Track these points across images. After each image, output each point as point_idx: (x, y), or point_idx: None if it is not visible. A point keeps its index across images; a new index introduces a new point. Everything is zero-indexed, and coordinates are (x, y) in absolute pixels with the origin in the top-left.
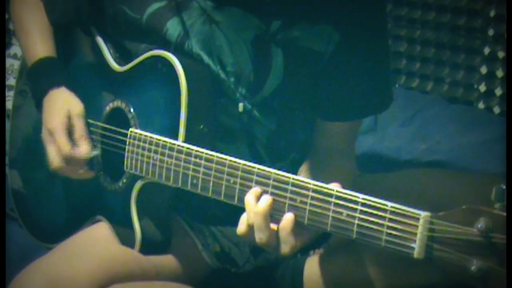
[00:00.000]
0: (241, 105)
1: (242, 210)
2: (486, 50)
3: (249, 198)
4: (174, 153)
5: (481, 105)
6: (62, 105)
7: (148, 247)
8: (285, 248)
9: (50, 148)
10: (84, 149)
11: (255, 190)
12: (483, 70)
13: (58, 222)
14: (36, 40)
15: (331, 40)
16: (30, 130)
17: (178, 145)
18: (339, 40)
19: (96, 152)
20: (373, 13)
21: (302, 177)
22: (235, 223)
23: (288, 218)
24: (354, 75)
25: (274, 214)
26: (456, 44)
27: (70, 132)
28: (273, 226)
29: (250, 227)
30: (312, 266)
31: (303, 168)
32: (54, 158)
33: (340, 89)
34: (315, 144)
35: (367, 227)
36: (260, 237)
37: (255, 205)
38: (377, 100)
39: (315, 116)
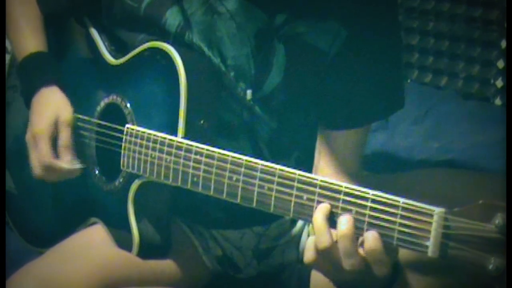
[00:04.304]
0: (249, 92)
1: (245, 211)
2: (503, 44)
3: (319, 218)
4: (173, 150)
5: (498, 102)
6: (51, 110)
7: (147, 251)
8: (383, 269)
9: (32, 154)
10: (65, 162)
11: (325, 207)
12: (500, 64)
13: (50, 225)
14: (26, 34)
15: (337, 38)
16: (21, 128)
17: (178, 142)
18: (346, 38)
19: (79, 166)
20: (383, 10)
21: (308, 173)
22: (238, 226)
23: (375, 236)
24: (362, 76)
25: (281, 213)
26: (472, 36)
27: (55, 139)
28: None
29: (320, 253)
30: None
31: None
32: (35, 165)
33: (346, 91)
34: (316, 158)
35: (378, 224)
36: (351, 263)
37: (324, 226)
38: (387, 103)
39: (318, 123)
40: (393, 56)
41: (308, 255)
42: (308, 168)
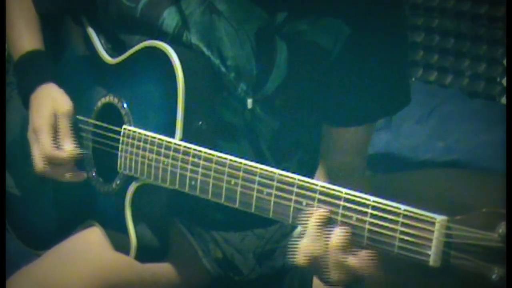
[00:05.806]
0: (249, 101)
1: (246, 213)
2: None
3: (314, 224)
4: (171, 152)
5: (503, 100)
6: (49, 103)
7: (144, 254)
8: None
9: (34, 149)
10: (66, 149)
11: (320, 213)
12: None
13: (48, 227)
14: (22, 32)
15: (340, 36)
16: (18, 127)
17: (175, 144)
18: (349, 35)
19: (81, 152)
20: (388, 5)
21: (308, 178)
22: (239, 228)
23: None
24: (367, 72)
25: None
26: (477, 34)
27: (56, 132)
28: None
29: (313, 258)
30: None
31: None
32: (37, 159)
33: (351, 88)
34: (321, 157)
35: (378, 232)
36: (338, 276)
37: (318, 233)
38: (392, 99)
39: (321, 121)
40: (399, 51)
41: (300, 258)
42: (311, 170)
